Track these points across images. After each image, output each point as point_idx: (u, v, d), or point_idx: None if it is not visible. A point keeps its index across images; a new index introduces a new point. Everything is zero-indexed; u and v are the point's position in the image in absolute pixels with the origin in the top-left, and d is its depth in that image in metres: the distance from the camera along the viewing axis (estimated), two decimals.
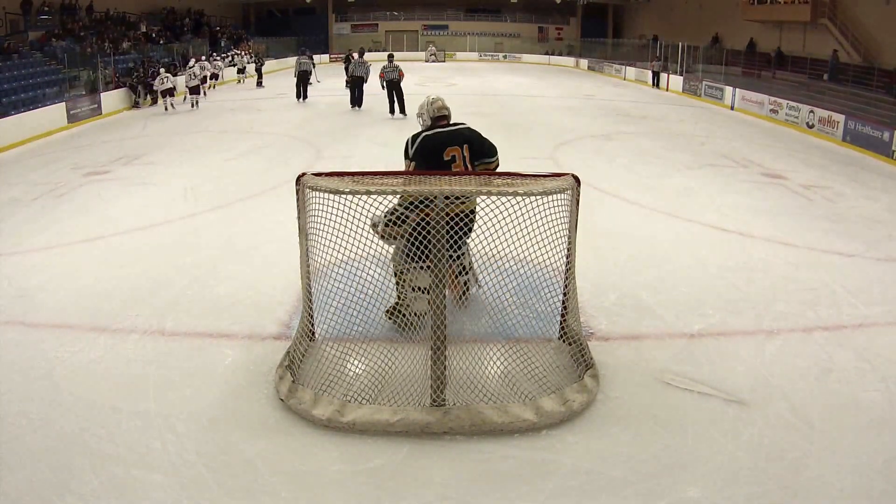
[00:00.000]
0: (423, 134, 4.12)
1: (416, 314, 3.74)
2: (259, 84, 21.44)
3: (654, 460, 2.99)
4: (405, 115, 13.48)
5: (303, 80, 16.59)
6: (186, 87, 16.57)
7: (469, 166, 4.07)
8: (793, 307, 4.63)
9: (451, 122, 4.25)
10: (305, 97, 16.69)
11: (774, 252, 5.79)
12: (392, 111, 13.77)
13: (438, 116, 4.21)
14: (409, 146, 4.10)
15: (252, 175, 8.66)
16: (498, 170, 4.12)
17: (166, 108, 15.70)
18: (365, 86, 14.78)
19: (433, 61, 33.58)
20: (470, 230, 3.50)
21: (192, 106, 16.11)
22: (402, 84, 13.71)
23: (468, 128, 4.19)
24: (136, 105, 16.72)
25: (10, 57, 15.45)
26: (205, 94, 18.04)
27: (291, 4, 36.48)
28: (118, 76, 17.12)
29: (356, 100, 14.85)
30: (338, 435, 3.15)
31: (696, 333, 4.23)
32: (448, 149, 4.04)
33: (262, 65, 22.57)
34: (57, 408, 3.36)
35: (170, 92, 15.84)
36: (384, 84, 13.76)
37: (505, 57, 35.93)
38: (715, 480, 2.87)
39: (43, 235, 6.23)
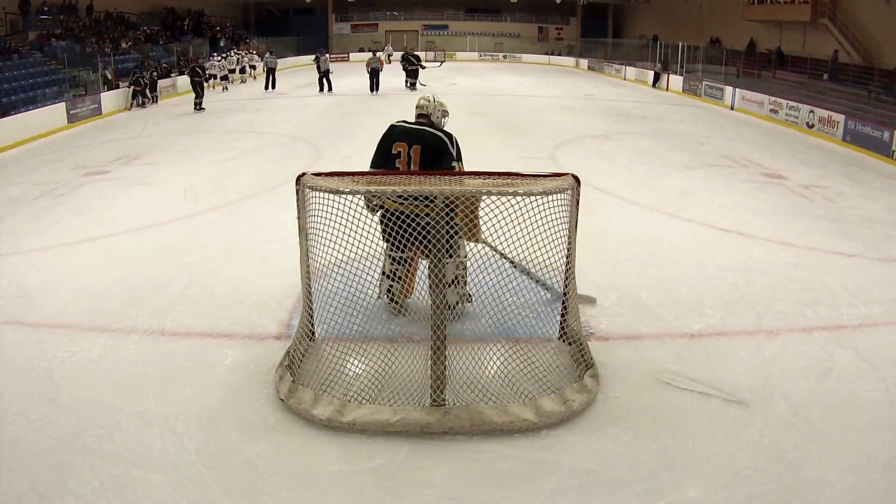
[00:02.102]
0: (393, 123, 4.17)
1: (388, 297, 4.18)
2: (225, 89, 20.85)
3: (654, 460, 2.99)
4: (377, 91, 18.51)
5: (271, 73, 20.31)
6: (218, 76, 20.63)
7: (413, 168, 3.93)
8: (793, 307, 4.63)
9: (429, 125, 4.13)
10: (274, 87, 20.04)
11: (774, 252, 5.79)
12: (371, 90, 18.61)
13: (418, 115, 4.23)
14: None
15: (252, 175, 8.66)
16: (497, 170, 4.10)
17: (224, 89, 20.25)
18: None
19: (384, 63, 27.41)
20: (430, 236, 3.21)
21: (223, 90, 20.21)
22: (381, 72, 18.89)
23: (434, 133, 4.03)
24: (141, 104, 16.66)
25: (10, 57, 15.45)
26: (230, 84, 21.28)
27: (291, 4, 36.47)
28: (120, 76, 17.14)
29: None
30: (338, 435, 3.15)
31: (696, 333, 4.23)
32: (396, 143, 4.01)
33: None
34: (57, 408, 3.36)
35: (225, 77, 20.50)
36: (368, 71, 18.85)
37: (505, 57, 35.92)
38: (715, 480, 2.87)
39: (43, 235, 6.23)
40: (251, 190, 7.79)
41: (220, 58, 21.78)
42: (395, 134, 4.07)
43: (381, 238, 3.59)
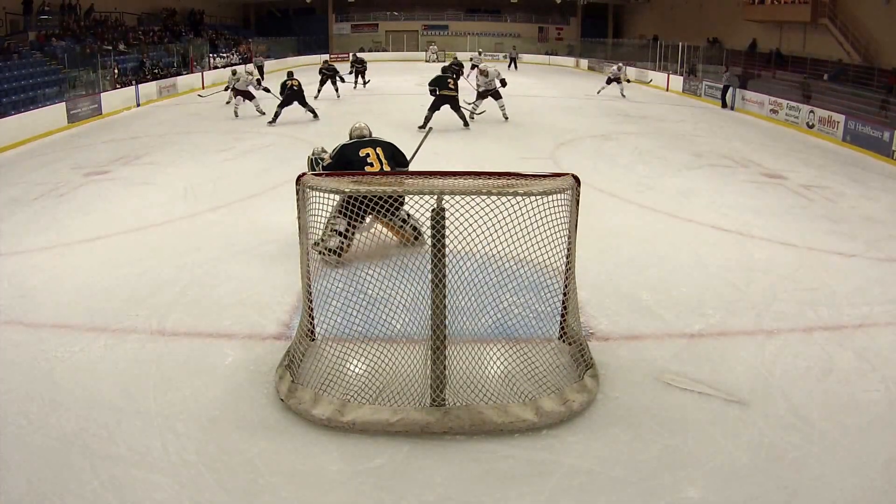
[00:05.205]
0: (343, 143, 5.36)
1: (328, 249, 4.75)
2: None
3: (654, 460, 3.00)
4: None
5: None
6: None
7: (384, 161, 5.19)
8: (793, 307, 4.63)
9: (371, 137, 5.46)
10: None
11: (774, 252, 5.79)
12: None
13: (359, 135, 5.44)
14: (333, 151, 5.34)
15: (252, 175, 8.66)
16: (497, 170, 4.12)
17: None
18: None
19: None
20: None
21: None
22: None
23: (383, 139, 5.43)
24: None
25: (10, 57, 15.44)
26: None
27: (291, 4, 36.44)
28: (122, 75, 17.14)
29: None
30: (338, 435, 3.15)
31: (696, 333, 4.23)
32: (361, 149, 5.23)
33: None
34: (57, 408, 3.36)
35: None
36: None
37: (505, 57, 35.89)
38: (715, 480, 2.87)
39: (43, 235, 6.23)
40: (251, 190, 7.79)
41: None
42: (356, 145, 5.28)
43: (341, 206, 4.00)
